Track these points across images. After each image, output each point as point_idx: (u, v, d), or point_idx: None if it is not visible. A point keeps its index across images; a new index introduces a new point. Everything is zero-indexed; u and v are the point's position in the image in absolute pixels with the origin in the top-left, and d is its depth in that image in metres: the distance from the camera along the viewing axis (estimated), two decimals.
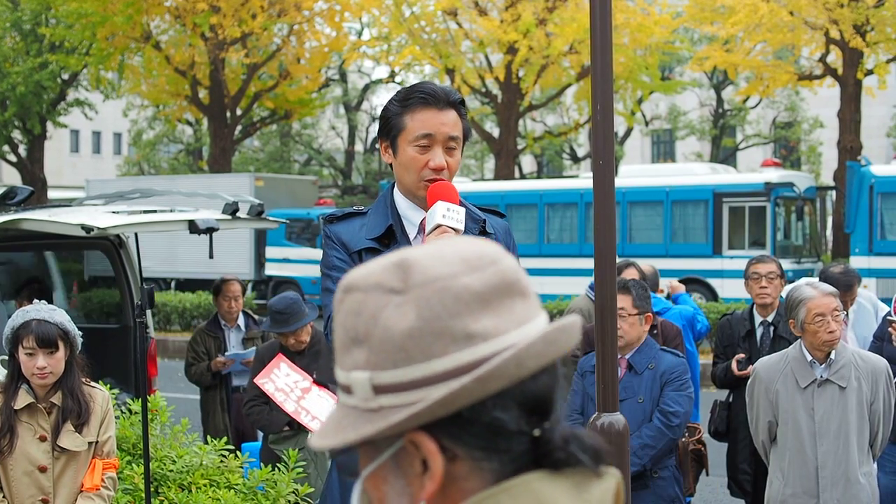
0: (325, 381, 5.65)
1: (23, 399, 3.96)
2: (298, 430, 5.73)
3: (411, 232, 3.13)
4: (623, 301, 4.88)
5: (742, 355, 5.91)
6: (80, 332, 4.12)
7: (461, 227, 2.93)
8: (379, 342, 1.06)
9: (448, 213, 2.93)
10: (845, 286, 6.18)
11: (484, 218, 3.15)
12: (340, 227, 3.18)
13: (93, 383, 4.16)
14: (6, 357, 4.09)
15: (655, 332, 5.64)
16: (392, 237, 3.10)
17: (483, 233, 3.15)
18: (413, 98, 3.05)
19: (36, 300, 4.31)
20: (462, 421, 1.04)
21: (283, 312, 5.92)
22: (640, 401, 4.81)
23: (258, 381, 5.60)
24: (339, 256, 3.14)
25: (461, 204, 3.07)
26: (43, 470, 3.96)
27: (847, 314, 6.33)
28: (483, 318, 1.04)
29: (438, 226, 2.91)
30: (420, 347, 1.04)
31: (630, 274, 5.99)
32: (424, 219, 3.11)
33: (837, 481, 4.30)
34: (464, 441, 1.05)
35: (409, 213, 3.13)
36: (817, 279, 5.99)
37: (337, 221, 3.21)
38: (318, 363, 5.77)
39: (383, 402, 1.06)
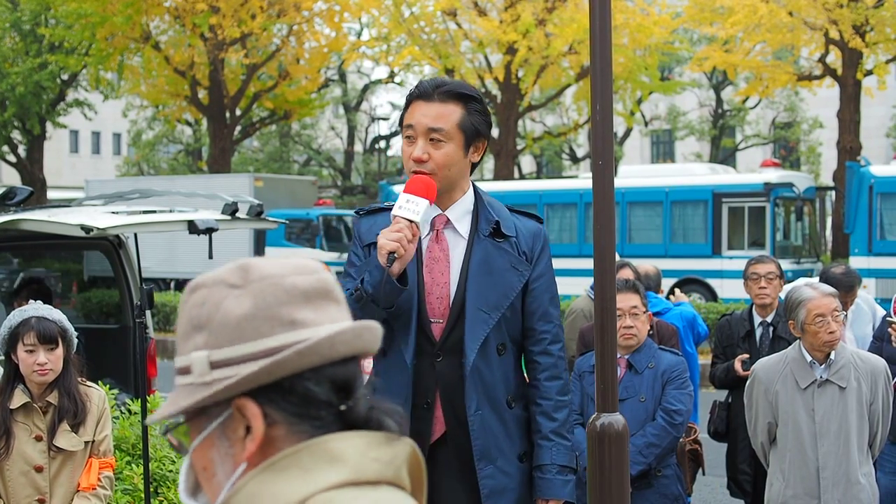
0: None
1: (18, 399, 3.96)
2: None
3: (425, 228, 3.13)
4: (634, 300, 4.89)
5: (746, 355, 5.88)
6: (79, 333, 4.12)
7: (417, 217, 2.92)
8: (218, 325, 1.26)
9: (406, 205, 2.93)
10: (847, 287, 6.18)
11: (497, 219, 3.11)
12: (363, 222, 3.22)
13: (89, 382, 4.16)
14: (2, 358, 4.09)
15: (651, 332, 5.65)
16: None
17: (496, 233, 3.11)
18: (411, 93, 3.11)
19: (32, 300, 4.31)
20: (282, 390, 1.23)
21: None
22: (641, 399, 4.81)
23: None
24: (356, 253, 3.19)
25: (492, 201, 3.13)
26: (39, 470, 3.95)
27: (846, 315, 6.33)
28: (305, 311, 1.26)
29: (395, 217, 2.92)
30: (253, 328, 1.24)
31: (625, 274, 5.98)
32: (437, 216, 3.12)
33: (838, 482, 4.30)
34: (282, 407, 1.24)
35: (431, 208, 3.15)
36: (817, 279, 5.99)
37: (364, 216, 3.25)
38: None
39: (217, 376, 1.24)
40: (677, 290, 7.69)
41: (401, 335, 3.05)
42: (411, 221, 2.92)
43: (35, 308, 4.02)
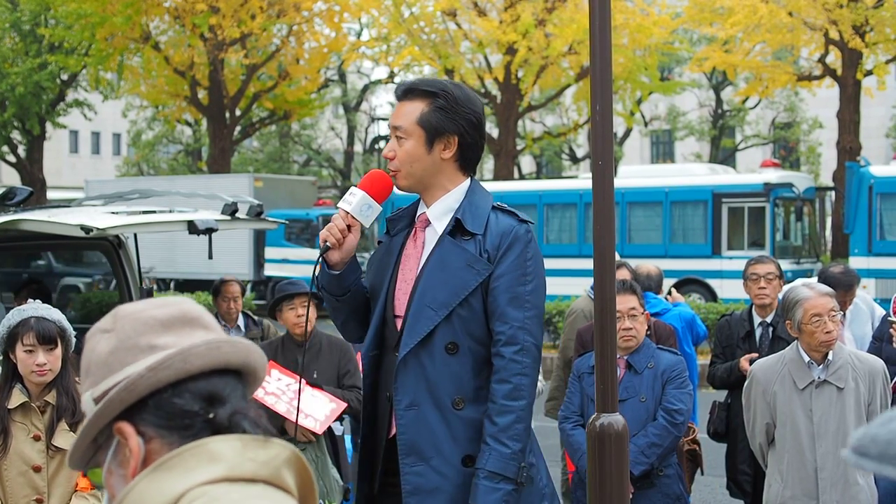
0: (326, 380, 5.64)
1: (16, 398, 3.95)
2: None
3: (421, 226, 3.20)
4: (632, 301, 4.89)
5: (755, 354, 5.85)
6: (77, 332, 4.12)
7: (349, 207, 3.07)
8: (94, 366, 1.44)
9: (347, 197, 3.09)
10: (846, 286, 6.19)
11: (457, 217, 3.08)
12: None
13: None
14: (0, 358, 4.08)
15: (649, 332, 5.65)
16: (390, 231, 3.23)
17: (458, 230, 3.08)
18: None
19: (31, 300, 4.30)
20: (149, 408, 1.39)
21: (290, 283, 6.02)
22: (642, 399, 4.82)
23: None
24: None
25: (476, 199, 3.13)
26: (37, 469, 3.95)
27: (844, 314, 6.33)
28: (164, 337, 1.42)
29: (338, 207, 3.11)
30: (118, 360, 1.41)
31: (622, 275, 5.98)
32: (420, 215, 3.19)
33: (837, 482, 4.29)
34: (153, 423, 1.39)
35: (421, 207, 3.22)
36: (815, 279, 5.98)
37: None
38: (318, 362, 5.75)
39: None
40: (674, 291, 7.68)
41: (370, 328, 3.17)
42: (346, 212, 3.07)
43: (34, 308, 4.01)
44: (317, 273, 3.11)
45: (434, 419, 3.01)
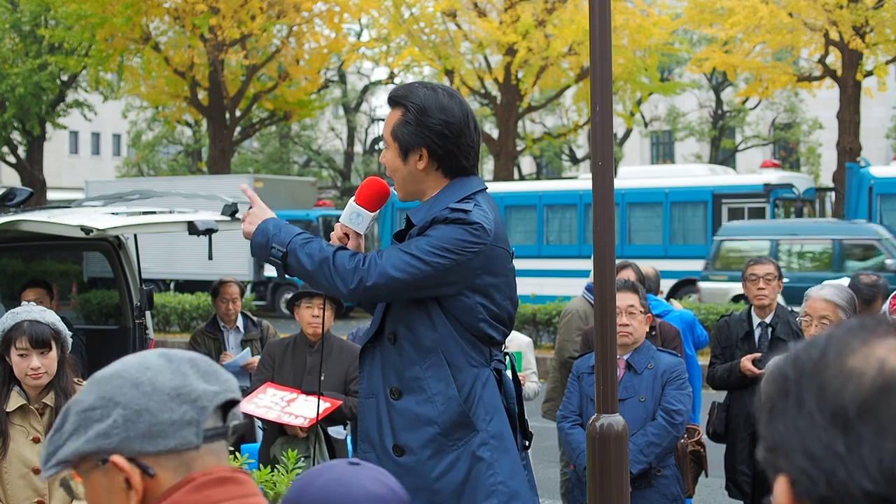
0: (334, 384, 5.61)
1: (14, 401, 3.94)
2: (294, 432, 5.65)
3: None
4: (631, 299, 4.90)
5: (758, 354, 5.83)
6: (73, 333, 4.10)
7: (343, 219, 3.17)
8: None
9: (346, 208, 3.20)
10: (866, 298, 5.86)
11: (407, 214, 3.17)
12: None
13: (84, 382, 4.14)
14: None
15: (654, 333, 5.64)
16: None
17: (410, 226, 3.14)
18: None
19: (32, 302, 4.29)
20: None
21: None
22: (641, 399, 4.82)
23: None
24: None
25: (441, 197, 3.09)
26: (38, 472, 3.94)
27: None
28: None
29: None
30: None
31: (628, 275, 5.97)
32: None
33: None
34: None
35: None
36: (845, 281, 5.93)
37: None
38: (327, 365, 5.73)
39: None
40: (673, 300, 7.70)
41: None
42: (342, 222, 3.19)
43: (27, 311, 3.99)
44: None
45: (382, 408, 3.12)
